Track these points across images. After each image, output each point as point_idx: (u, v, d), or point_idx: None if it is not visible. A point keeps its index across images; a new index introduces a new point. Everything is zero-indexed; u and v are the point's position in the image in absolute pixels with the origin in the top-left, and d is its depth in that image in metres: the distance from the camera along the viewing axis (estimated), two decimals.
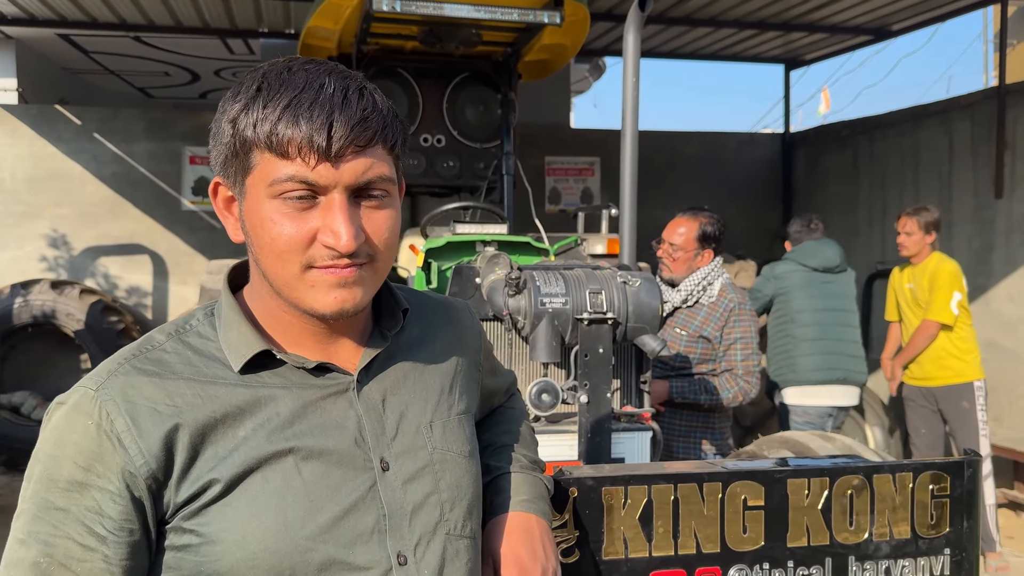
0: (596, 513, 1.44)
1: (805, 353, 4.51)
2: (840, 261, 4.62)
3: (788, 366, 4.55)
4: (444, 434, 1.11)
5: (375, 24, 4.27)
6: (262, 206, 0.97)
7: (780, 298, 4.65)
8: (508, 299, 2.42)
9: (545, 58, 5.10)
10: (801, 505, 1.51)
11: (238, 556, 0.95)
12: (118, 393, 0.96)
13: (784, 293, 4.62)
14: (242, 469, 0.96)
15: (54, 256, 7.37)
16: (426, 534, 1.04)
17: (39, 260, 7.36)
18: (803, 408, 4.51)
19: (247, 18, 7.01)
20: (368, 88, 1.00)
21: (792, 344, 4.55)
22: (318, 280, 0.98)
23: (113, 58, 9.42)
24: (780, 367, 4.60)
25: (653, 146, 8.72)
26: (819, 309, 4.56)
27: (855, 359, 4.59)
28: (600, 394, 2.40)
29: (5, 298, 6.66)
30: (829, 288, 4.59)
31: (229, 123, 0.98)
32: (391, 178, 1.02)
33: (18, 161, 7.28)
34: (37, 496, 0.94)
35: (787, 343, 4.57)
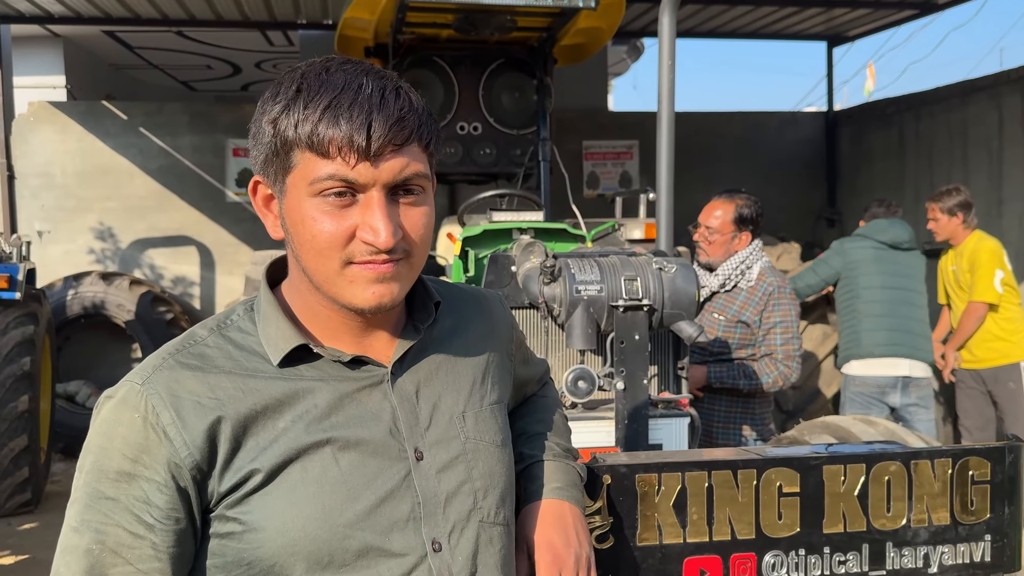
0: (630, 500, 1.45)
1: (870, 328, 4.44)
2: (909, 239, 4.54)
3: (853, 341, 4.50)
4: (476, 424, 1.13)
5: (410, 13, 4.29)
6: (303, 204, 1.00)
7: (847, 273, 4.58)
8: (543, 287, 2.43)
9: (581, 42, 5.07)
10: (837, 491, 1.51)
11: (279, 543, 0.98)
12: (163, 387, 1.00)
13: (852, 268, 4.56)
14: (282, 459, 1.00)
15: (104, 249, 7.57)
16: (460, 521, 1.07)
17: (89, 253, 7.56)
18: (862, 379, 4.44)
19: (286, 10, 7.09)
20: (404, 88, 1.03)
21: (857, 320, 4.49)
22: (357, 276, 1.01)
23: (157, 53, 9.60)
24: (846, 343, 4.55)
25: (692, 128, 8.63)
26: (886, 286, 4.49)
27: (920, 337, 4.50)
28: (636, 381, 2.41)
29: (58, 290, 6.86)
30: (897, 266, 4.52)
31: (270, 123, 1.01)
32: (426, 175, 1.04)
33: (68, 157, 7.47)
34: (89, 486, 0.99)
35: (853, 319, 4.52)
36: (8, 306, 5.02)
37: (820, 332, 5.13)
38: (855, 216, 7.86)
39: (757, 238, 3.44)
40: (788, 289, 3.31)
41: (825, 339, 5.11)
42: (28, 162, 7.34)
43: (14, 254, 5.23)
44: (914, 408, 4.42)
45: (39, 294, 5.42)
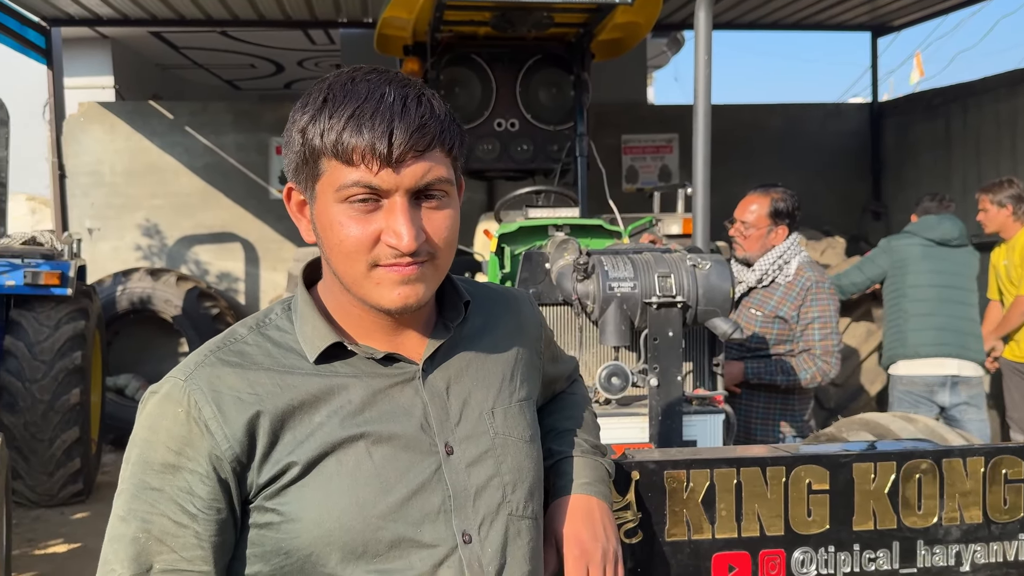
0: (658, 496, 1.47)
1: (916, 328, 4.36)
2: (959, 235, 4.44)
3: (899, 341, 4.42)
4: (506, 420, 1.16)
5: (448, 12, 4.33)
6: (330, 209, 1.04)
7: (894, 272, 4.50)
8: (577, 284, 2.46)
9: (618, 37, 5.06)
10: (867, 489, 1.51)
11: (315, 533, 1.02)
12: (205, 383, 1.05)
13: (899, 266, 4.47)
14: (318, 453, 1.04)
15: (151, 245, 7.75)
16: (489, 514, 1.10)
17: (137, 249, 7.75)
18: (909, 378, 4.37)
19: (326, 9, 7.19)
20: (426, 95, 1.06)
21: (904, 319, 4.42)
22: (383, 278, 1.05)
23: (202, 52, 9.78)
24: (891, 343, 4.47)
25: (733, 120, 8.55)
26: (934, 284, 4.39)
27: (970, 336, 4.39)
28: (670, 377, 2.42)
29: (108, 286, 7.04)
30: (946, 263, 4.41)
31: (299, 133, 1.05)
32: (449, 179, 1.07)
33: (116, 155, 7.66)
34: (135, 477, 1.04)
35: (899, 318, 4.44)
36: (60, 302, 5.16)
37: (864, 329, 5.06)
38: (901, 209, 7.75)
39: (795, 232, 3.41)
40: (827, 284, 3.27)
41: (869, 336, 5.05)
42: (78, 161, 7.54)
43: (65, 251, 5.38)
44: (964, 407, 4.34)
45: (89, 290, 5.57)
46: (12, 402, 4.87)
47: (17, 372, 4.97)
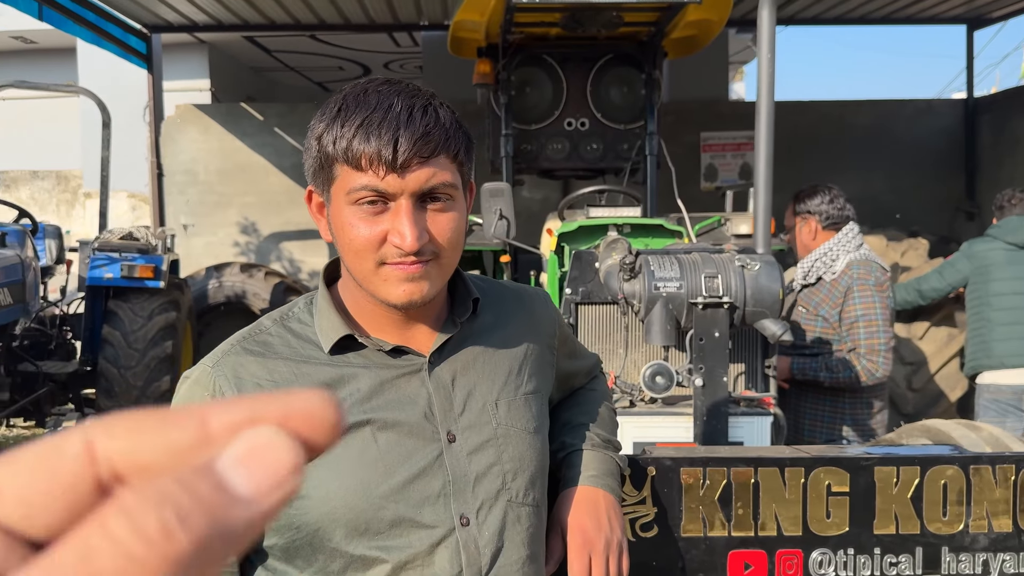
0: (674, 492, 1.50)
1: (1001, 338, 4.16)
2: None
3: (983, 351, 4.23)
4: (509, 411, 1.22)
5: (518, 14, 4.40)
6: (343, 211, 1.12)
7: (976, 278, 4.30)
8: (623, 283, 2.49)
9: (692, 34, 5.02)
10: (889, 493, 1.50)
11: (322, 511, 1.10)
12: (229, 370, 1.14)
13: (981, 272, 4.27)
14: None
15: (243, 241, 8.11)
16: (488, 500, 1.16)
17: (230, 245, 8.12)
18: (996, 387, 4.18)
19: (408, 13, 7.36)
20: (434, 104, 1.12)
21: (987, 329, 4.22)
22: (390, 275, 1.12)
23: (293, 56, 10.15)
24: (975, 352, 4.28)
25: (818, 117, 8.36)
26: (1019, 292, 4.20)
27: None
28: (716, 377, 2.43)
29: (200, 280, 7.40)
30: None
31: (315, 140, 1.13)
32: (453, 183, 1.13)
33: (210, 155, 8.04)
34: None
35: (982, 327, 4.25)
36: (153, 294, 5.46)
37: (945, 334, 4.87)
38: None
39: (847, 227, 3.35)
40: (872, 281, 3.20)
41: (950, 341, 4.86)
42: (175, 160, 7.95)
43: (159, 246, 5.70)
44: None
45: (181, 283, 5.88)
46: (108, 387, 5.19)
47: (113, 359, 5.28)
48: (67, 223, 9.22)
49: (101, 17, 6.75)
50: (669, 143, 5.95)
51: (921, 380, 4.89)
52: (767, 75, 3.26)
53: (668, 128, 7.56)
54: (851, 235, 3.33)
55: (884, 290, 3.20)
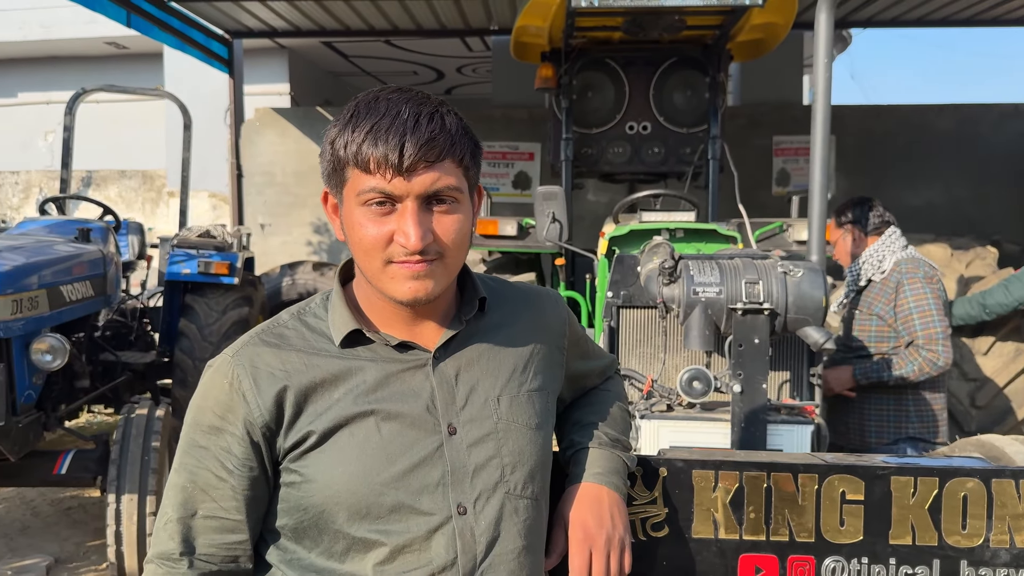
0: (686, 493, 1.51)
1: None
2: None
3: None
4: (511, 407, 1.26)
5: (580, 18, 4.43)
6: (353, 212, 1.19)
7: None
8: (663, 288, 2.50)
9: (758, 38, 4.97)
10: (906, 503, 1.49)
11: (326, 494, 1.17)
12: (247, 360, 1.22)
13: None
14: (333, 424, 1.18)
15: (316, 241, 8.35)
16: (486, 491, 1.21)
17: (304, 244, 8.37)
18: None
19: (478, 18, 7.47)
20: (441, 112, 1.18)
21: None
22: (396, 273, 1.18)
23: (369, 61, 10.39)
24: None
25: (898, 121, 8.13)
26: None
27: None
28: (755, 384, 2.41)
29: (275, 277, 7.65)
30: None
31: (329, 144, 1.20)
32: (458, 187, 1.19)
33: (287, 157, 8.31)
34: (188, 436, 1.23)
35: None
36: (227, 290, 5.67)
37: (1013, 348, 4.67)
38: None
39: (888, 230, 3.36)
40: (921, 274, 3.20)
41: (1017, 356, 4.65)
42: (253, 162, 8.24)
43: (235, 244, 5.92)
44: None
45: (255, 280, 6.09)
46: (183, 377, 5.41)
47: (189, 351, 5.51)
48: (151, 220, 9.66)
49: (185, 23, 7.07)
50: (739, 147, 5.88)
51: (986, 397, 4.71)
52: (824, 79, 3.22)
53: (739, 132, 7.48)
54: (894, 237, 3.36)
55: (934, 282, 3.21)
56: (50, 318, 3.86)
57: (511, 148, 7.95)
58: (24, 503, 5.06)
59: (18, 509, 4.97)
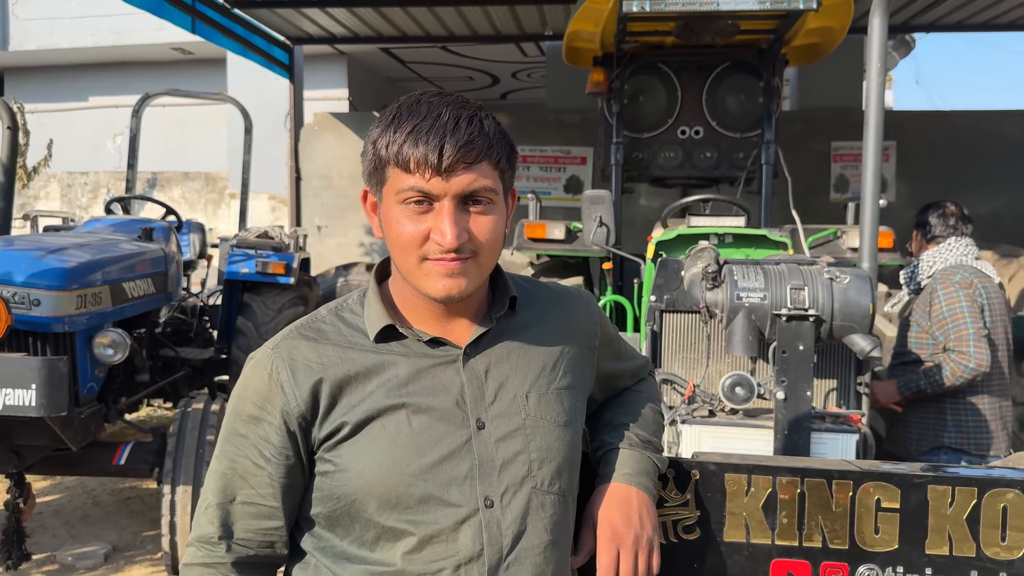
0: (718, 496, 1.51)
1: None
2: None
3: None
4: (539, 404, 1.28)
5: (632, 23, 4.42)
6: (392, 210, 1.23)
7: None
8: (706, 292, 2.49)
9: (814, 42, 4.90)
10: (943, 513, 1.46)
11: (357, 484, 1.21)
12: (286, 352, 1.27)
13: None
14: (365, 416, 1.22)
15: (369, 242, 8.48)
16: (513, 485, 1.23)
17: (359, 246, 8.51)
18: None
19: (532, 23, 7.51)
20: (480, 116, 1.21)
21: None
22: (431, 270, 1.21)
23: (426, 67, 10.52)
24: None
25: (963, 127, 7.92)
26: None
27: None
28: (799, 392, 2.39)
29: (330, 277, 7.79)
30: None
31: (371, 144, 1.24)
32: (494, 188, 1.22)
33: (344, 161, 8.46)
34: (229, 425, 1.28)
35: None
36: (284, 289, 5.79)
37: None
38: None
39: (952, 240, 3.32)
40: (956, 279, 3.15)
41: None
42: (311, 165, 8.41)
43: (292, 245, 6.06)
44: None
45: (310, 280, 6.21)
46: (239, 373, 5.53)
47: (245, 348, 5.63)
48: (213, 221, 9.92)
49: (248, 30, 7.26)
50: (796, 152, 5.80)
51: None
52: (876, 84, 3.17)
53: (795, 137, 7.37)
54: (957, 247, 3.30)
55: (968, 287, 3.14)
56: (112, 313, 4.01)
57: (563, 152, 7.97)
58: (85, 492, 5.25)
59: (80, 498, 5.16)
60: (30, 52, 11.11)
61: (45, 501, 5.04)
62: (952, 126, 7.95)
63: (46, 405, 3.26)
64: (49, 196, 10.77)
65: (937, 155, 7.85)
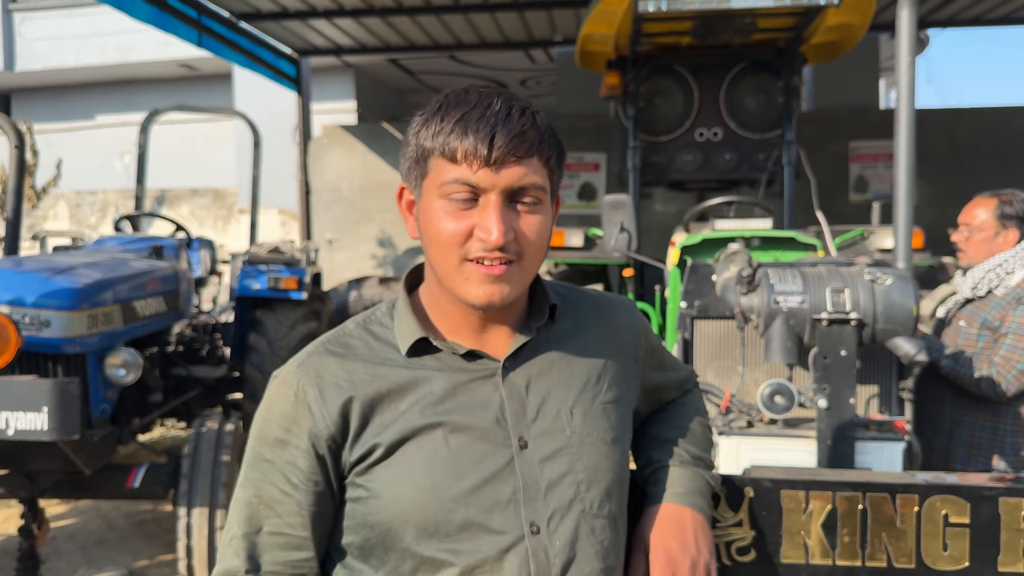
0: (774, 515, 1.41)
1: None
2: None
3: None
4: (585, 420, 1.18)
5: (647, 24, 4.33)
6: (432, 204, 1.13)
7: None
8: (740, 297, 2.38)
9: (834, 39, 4.80)
10: (1016, 527, 1.35)
11: (393, 510, 1.11)
12: (312, 370, 1.17)
13: None
14: (400, 437, 1.12)
15: (381, 255, 8.40)
16: (560, 509, 1.13)
17: (370, 258, 8.43)
18: None
19: (542, 29, 7.43)
20: (531, 109, 1.13)
21: None
22: (472, 274, 1.12)
23: (434, 76, 10.47)
24: None
25: (982, 124, 7.80)
26: None
27: None
28: (842, 399, 2.28)
29: (342, 292, 7.72)
30: None
31: (414, 136, 1.15)
32: (543, 187, 1.13)
33: (353, 173, 8.40)
34: (253, 449, 1.18)
35: None
36: (296, 305, 5.72)
37: None
38: None
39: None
40: None
41: None
42: (321, 178, 8.35)
43: (303, 259, 5.99)
44: None
45: (323, 295, 6.13)
46: (253, 391, 5.47)
47: (259, 365, 5.57)
48: (223, 237, 9.87)
49: (254, 43, 7.21)
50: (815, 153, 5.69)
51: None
52: (907, 81, 3.06)
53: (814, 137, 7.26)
54: None
55: None
56: (124, 333, 3.93)
57: (576, 159, 7.88)
58: (100, 515, 5.16)
59: (94, 521, 5.07)
60: (37, 72, 11.12)
61: (59, 526, 4.96)
62: (971, 123, 7.82)
63: (58, 428, 3.17)
64: (58, 216, 10.75)
65: (958, 153, 7.72)
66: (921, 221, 4.95)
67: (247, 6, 6.70)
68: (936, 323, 3.20)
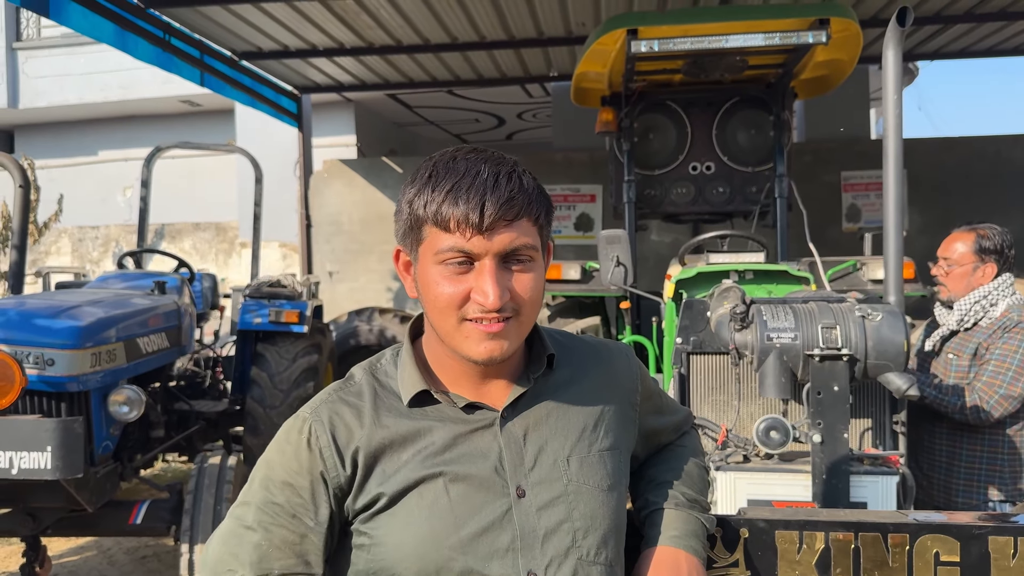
0: (769, 556, 1.45)
1: None
2: None
3: None
4: (581, 468, 1.22)
5: (640, 63, 4.43)
6: (429, 270, 1.18)
7: None
8: (735, 333, 2.43)
9: (823, 74, 4.90)
10: (1006, 566, 1.39)
11: (395, 557, 1.15)
12: (325, 417, 1.21)
13: None
14: (402, 487, 1.17)
15: (382, 287, 8.45)
16: (557, 557, 1.17)
17: (371, 290, 8.48)
18: None
19: (538, 65, 7.55)
20: (518, 172, 1.18)
21: None
22: (471, 332, 1.16)
23: (432, 111, 10.59)
24: None
25: (972, 153, 7.89)
26: None
27: None
28: (836, 434, 2.32)
29: (343, 324, 7.75)
30: None
31: (407, 203, 1.20)
32: (534, 246, 1.18)
33: (354, 206, 8.48)
34: (261, 492, 1.21)
35: None
36: (297, 338, 5.75)
37: None
38: None
39: (1008, 273, 3.09)
40: None
41: None
42: (322, 212, 8.43)
43: (304, 292, 6.03)
44: None
45: (324, 328, 6.17)
46: (254, 425, 5.49)
47: (260, 399, 5.59)
48: (224, 271, 9.93)
49: (255, 80, 7.32)
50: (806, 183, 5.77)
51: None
52: (894, 115, 3.13)
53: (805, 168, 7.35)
54: (1009, 281, 3.05)
55: None
56: (127, 370, 3.96)
57: (572, 191, 7.97)
58: (101, 552, 5.16)
59: (95, 558, 5.07)
60: (40, 109, 11.24)
61: (61, 563, 4.96)
62: (961, 152, 7.92)
63: (62, 468, 3.20)
64: (60, 251, 10.81)
65: (948, 182, 7.81)
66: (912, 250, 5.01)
67: (249, 45, 6.81)
68: (921, 356, 3.23)
